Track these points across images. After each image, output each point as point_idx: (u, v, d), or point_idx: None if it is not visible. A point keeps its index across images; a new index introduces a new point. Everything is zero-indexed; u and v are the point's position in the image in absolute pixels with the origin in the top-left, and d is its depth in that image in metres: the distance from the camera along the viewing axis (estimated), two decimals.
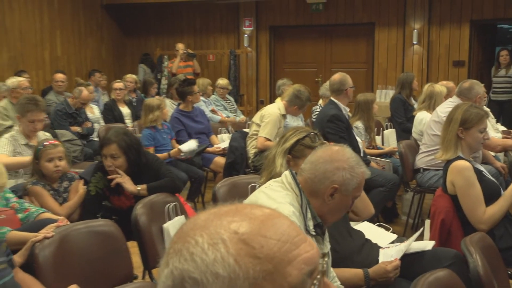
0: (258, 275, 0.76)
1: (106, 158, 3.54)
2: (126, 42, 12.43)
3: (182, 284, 0.77)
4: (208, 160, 5.85)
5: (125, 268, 2.80)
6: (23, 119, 4.23)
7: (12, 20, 9.98)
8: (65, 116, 6.48)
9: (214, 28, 11.65)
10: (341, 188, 2.07)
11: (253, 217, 0.81)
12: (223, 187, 3.58)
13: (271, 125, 5.17)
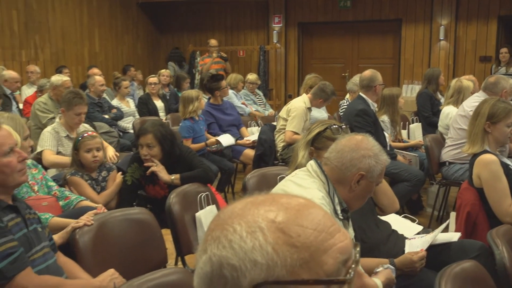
0: (295, 263, 0.76)
1: (142, 147, 3.57)
2: (160, 38, 12.52)
3: (220, 270, 0.77)
4: (238, 152, 5.86)
5: (159, 254, 2.81)
6: (69, 112, 4.28)
7: (54, 19, 10.15)
8: (92, 106, 6.60)
9: (244, 25, 11.65)
10: (367, 175, 2.10)
11: (289, 207, 0.81)
12: (253, 178, 3.58)
13: (297, 119, 5.16)
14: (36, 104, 5.61)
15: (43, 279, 2.06)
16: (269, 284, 0.75)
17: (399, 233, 2.85)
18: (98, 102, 6.69)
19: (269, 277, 0.75)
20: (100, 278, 2.26)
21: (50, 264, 2.19)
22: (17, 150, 2.16)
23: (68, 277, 2.24)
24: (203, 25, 11.89)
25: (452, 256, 2.52)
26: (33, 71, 8.43)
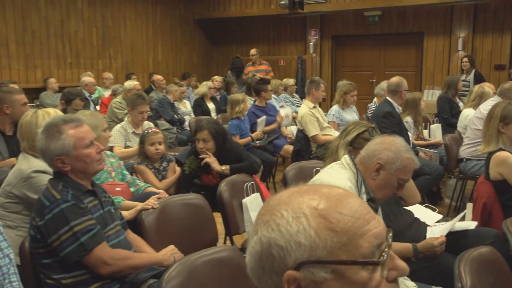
0: (334, 245, 0.75)
1: (199, 142, 3.59)
2: (213, 49, 12.61)
3: (269, 249, 0.77)
4: (278, 147, 5.86)
5: (211, 234, 2.83)
6: (133, 111, 4.37)
7: (125, 34, 10.39)
8: (168, 105, 6.74)
9: (284, 38, 11.60)
10: (385, 166, 2.05)
11: (330, 196, 0.80)
12: (292, 170, 3.56)
13: (309, 124, 5.06)
14: (113, 103, 5.78)
15: (116, 252, 2.09)
16: (311, 263, 0.75)
17: (421, 220, 2.78)
18: (172, 103, 6.86)
19: (312, 257, 0.75)
20: (162, 252, 2.29)
21: (121, 239, 2.22)
22: (96, 143, 2.20)
23: (136, 251, 2.28)
24: (249, 37, 11.90)
25: (470, 242, 2.45)
26: (107, 77, 8.64)
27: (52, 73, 9.07)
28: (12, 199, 2.52)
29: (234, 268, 1.92)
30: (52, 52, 9.20)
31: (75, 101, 4.86)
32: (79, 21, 9.56)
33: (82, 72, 9.17)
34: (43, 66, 9.10)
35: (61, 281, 2.03)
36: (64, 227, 1.99)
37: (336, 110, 5.68)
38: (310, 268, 0.75)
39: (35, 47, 8.93)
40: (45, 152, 2.11)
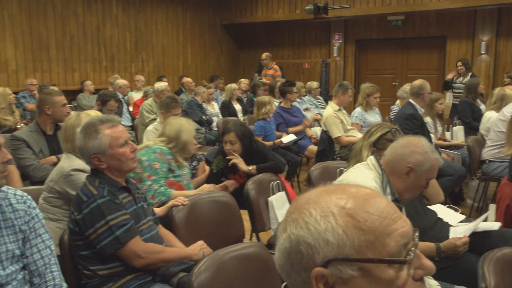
0: (362, 244, 0.75)
1: (226, 144, 3.60)
2: (240, 53, 12.65)
3: (297, 246, 0.77)
4: (303, 147, 5.83)
5: (237, 230, 2.84)
6: (167, 114, 4.40)
7: (157, 38, 10.53)
8: (197, 106, 6.79)
9: (309, 41, 11.55)
10: (416, 168, 2.04)
11: (357, 196, 0.80)
12: (316, 170, 3.54)
13: (332, 125, 5.01)
14: (144, 106, 5.83)
15: (148, 246, 2.12)
16: (339, 260, 0.75)
17: (444, 220, 2.73)
18: (200, 104, 6.92)
19: (339, 254, 0.75)
20: (192, 247, 2.30)
21: (154, 234, 2.24)
22: (130, 142, 2.24)
23: (167, 245, 2.29)
24: (275, 41, 11.90)
25: (493, 243, 2.39)
26: (139, 80, 8.76)
27: (88, 76, 9.27)
28: (54, 194, 2.58)
29: (261, 264, 1.92)
30: (89, 56, 9.39)
31: (110, 102, 4.95)
32: (114, 26, 9.73)
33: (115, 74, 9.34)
34: (80, 69, 9.30)
35: (98, 272, 2.07)
36: (101, 221, 2.03)
37: (359, 112, 5.62)
38: (338, 266, 0.75)
39: (73, 52, 9.13)
40: (83, 151, 2.16)
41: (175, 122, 3.22)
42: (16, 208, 1.84)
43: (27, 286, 1.84)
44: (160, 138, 3.20)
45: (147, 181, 3.00)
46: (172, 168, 3.14)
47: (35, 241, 1.86)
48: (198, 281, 1.71)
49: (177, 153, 3.16)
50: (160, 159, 3.06)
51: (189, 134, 3.18)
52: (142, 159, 3.04)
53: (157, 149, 3.09)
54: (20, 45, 8.38)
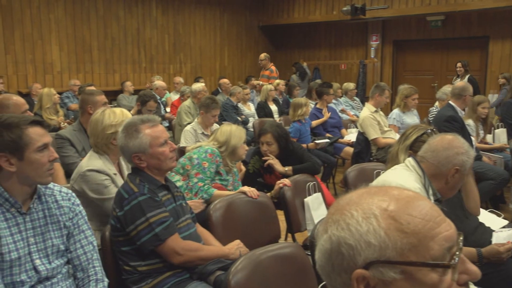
0: (404, 246, 0.74)
1: (263, 144, 3.61)
2: (276, 54, 12.63)
3: (338, 247, 0.77)
4: (339, 149, 5.77)
5: (273, 230, 2.84)
6: (207, 114, 4.47)
7: (195, 40, 10.67)
8: (231, 108, 6.83)
9: (346, 43, 11.43)
10: (461, 169, 2.05)
11: (400, 198, 0.78)
12: (353, 171, 3.50)
13: (369, 127, 4.92)
14: (183, 107, 5.92)
15: (187, 243, 2.14)
16: (380, 263, 0.74)
17: (486, 225, 2.64)
18: (235, 105, 6.95)
19: (381, 257, 0.74)
20: (229, 246, 2.31)
21: (192, 232, 2.27)
22: (169, 142, 2.27)
23: (204, 244, 2.32)
24: (311, 42, 11.84)
25: None
26: (178, 82, 8.89)
27: (128, 77, 9.49)
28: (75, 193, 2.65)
29: (297, 264, 1.92)
30: (129, 58, 9.62)
31: (150, 103, 5.04)
32: (153, 28, 9.93)
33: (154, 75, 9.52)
34: (120, 70, 9.53)
35: (137, 268, 2.11)
36: (141, 218, 2.07)
37: (397, 113, 5.52)
38: (380, 268, 0.74)
39: (114, 53, 9.37)
40: (124, 149, 2.21)
41: (225, 128, 3.30)
42: (61, 205, 1.91)
43: (71, 279, 1.90)
44: (212, 142, 3.27)
45: (194, 178, 3.07)
46: (220, 171, 3.19)
47: (78, 237, 1.92)
48: (235, 279, 1.73)
49: (227, 157, 3.22)
50: (210, 159, 3.12)
51: (238, 139, 3.23)
52: (193, 157, 3.13)
53: (208, 149, 3.16)
54: (65, 48, 8.67)
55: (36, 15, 8.24)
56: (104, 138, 2.57)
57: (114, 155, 2.63)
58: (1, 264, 1.69)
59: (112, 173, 2.55)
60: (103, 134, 2.57)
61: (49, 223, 1.85)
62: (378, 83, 5.37)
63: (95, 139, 2.61)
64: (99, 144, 2.59)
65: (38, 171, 1.77)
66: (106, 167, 2.53)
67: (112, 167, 2.59)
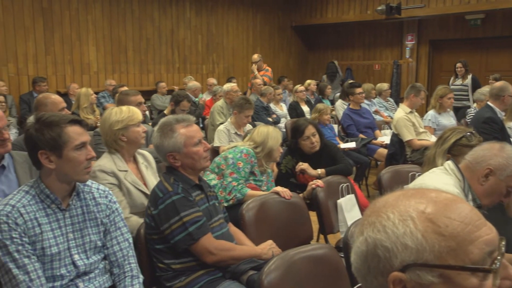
0: (442, 249, 0.73)
1: (309, 138, 3.58)
2: (308, 55, 12.60)
3: (374, 250, 0.76)
4: (372, 150, 5.71)
5: (306, 231, 2.82)
6: (240, 114, 4.49)
7: (227, 41, 10.75)
8: (262, 109, 6.84)
9: (380, 42, 11.27)
10: (496, 172, 1.94)
11: (438, 201, 0.77)
12: (387, 173, 3.44)
13: (404, 128, 4.82)
14: (215, 107, 5.98)
15: (220, 243, 2.16)
16: (418, 266, 0.73)
17: None
18: (266, 106, 6.97)
19: (418, 259, 0.73)
20: (261, 246, 2.32)
21: (224, 232, 2.29)
22: (204, 142, 2.30)
23: (237, 243, 2.33)
24: (344, 43, 11.74)
25: None
26: (211, 83, 8.98)
27: (162, 77, 9.66)
28: None
29: (331, 266, 1.91)
30: (163, 58, 9.78)
31: (183, 103, 5.11)
32: (187, 29, 10.06)
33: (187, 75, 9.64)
34: (154, 70, 9.69)
35: (171, 266, 2.15)
36: (175, 217, 2.10)
37: (432, 115, 5.41)
38: (417, 271, 0.73)
39: (149, 54, 9.55)
40: (159, 148, 2.25)
41: (262, 129, 3.31)
42: (99, 202, 1.96)
43: (107, 275, 1.95)
44: (248, 143, 3.29)
45: (228, 177, 3.10)
46: (254, 171, 3.22)
47: (115, 233, 1.97)
48: (268, 279, 1.73)
49: (262, 158, 3.24)
50: (245, 159, 3.14)
51: (275, 141, 3.24)
52: (228, 156, 3.17)
53: (243, 150, 3.18)
54: (101, 48, 8.89)
55: (75, 17, 8.48)
56: (112, 134, 2.60)
57: (127, 152, 2.64)
58: (42, 258, 1.76)
59: (123, 170, 2.55)
60: (111, 130, 2.60)
61: (87, 220, 1.91)
62: (414, 83, 5.28)
63: (105, 136, 2.65)
64: (108, 141, 2.62)
65: (76, 168, 1.82)
66: (115, 165, 2.55)
67: (124, 164, 2.59)
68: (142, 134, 2.66)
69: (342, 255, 2.04)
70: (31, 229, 1.74)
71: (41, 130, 1.79)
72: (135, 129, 2.62)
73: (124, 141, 2.60)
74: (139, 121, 2.68)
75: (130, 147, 2.64)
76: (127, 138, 2.60)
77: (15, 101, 7.62)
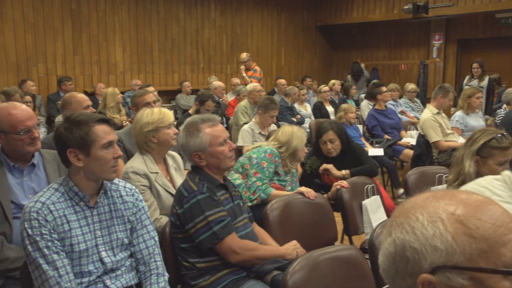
0: (473, 252, 0.71)
1: (326, 143, 3.57)
2: (333, 55, 12.51)
3: (403, 251, 0.75)
4: (398, 151, 5.63)
5: (331, 232, 2.81)
6: (265, 114, 4.49)
7: (252, 40, 10.78)
8: (286, 109, 6.82)
9: (406, 42, 11.11)
10: None
11: (469, 202, 0.76)
12: (413, 175, 3.39)
13: (430, 129, 4.74)
14: (239, 107, 6.00)
15: (244, 243, 2.17)
16: (448, 268, 0.72)
17: None
18: (290, 106, 6.95)
19: (448, 262, 0.72)
20: (285, 246, 2.31)
21: (249, 231, 2.30)
22: (229, 141, 2.31)
23: (261, 243, 2.33)
24: (370, 42, 11.62)
25: None
26: (235, 83, 9.01)
27: (187, 77, 9.74)
28: None
29: (356, 268, 1.89)
30: (188, 58, 9.86)
31: (208, 102, 5.15)
32: (211, 29, 10.13)
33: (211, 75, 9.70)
34: (179, 70, 9.79)
35: (196, 265, 2.16)
36: (200, 216, 2.11)
37: (459, 115, 5.30)
38: (447, 273, 0.72)
39: (174, 54, 9.65)
40: (185, 148, 2.27)
41: (287, 129, 3.30)
42: (126, 200, 1.99)
43: (133, 272, 1.98)
44: (273, 142, 3.28)
45: (253, 177, 3.11)
46: (278, 171, 3.21)
47: (141, 231, 1.99)
48: (292, 280, 1.73)
49: (287, 158, 3.23)
50: (269, 159, 3.14)
51: (299, 141, 3.22)
52: (252, 156, 3.17)
53: (268, 149, 3.18)
54: (128, 49, 9.03)
55: (102, 18, 8.64)
56: (143, 136, 2.61)
57: (157, 154, 2.65)
58: (71, 254, 1.79)
59: (154, 172, 2.57)
60: (141, 132, 2.61)
61: (114, 217, 1.94)
62: (442, 84, 5.19)
63: (136, 138, 2.67)
64: (139, 143, 2.64)
65: (103, 167, 1.85)
66: (147, 167, 2.56)
67: (154, 166, 2.60)
68: (173, 136, 2.65)
69: (367, 256, 2.02)
70: (60, 226, 1.78)
71: (70, 129, 1.83)
72: (166, 131, 2.63)
73: (155, 143, 2.61)
74: (170, 123, 2.68)
75: (161, 149, 2.65)
76: (158, 140, 2.61)
77: (44, 100, 7.81)
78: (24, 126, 2.21)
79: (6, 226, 2.14)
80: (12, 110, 2.23)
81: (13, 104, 2.32)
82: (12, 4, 7.70)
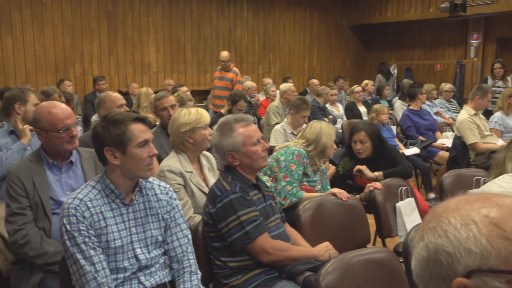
0: (509, 255, 0.69)
1: (356, 143, 3.55)
2: (366, 55, 12.36)
3: (436, 255, 0.74)
4: (433, 153, 5.52)
5: (363, 234, 2.78)
6: (297, 115, 4.48)
7: (284, 41, 10.77)
8: (318, 109, 6.78)
9: (443, 42, 10.86)
10: None
11: (503, 205, 0.74)
12: (449, 177, 3.32)
13: (467, 131, 4.62)
14: (271, 107, 6.01)
15: (276, 243, 2.17)
16: (483, 271, 0.70)
17: None
18: (322, 106, 6.92)
19: (483, 265, 0.70)
20: (318, 247, 2.30)
21: (281, 232, 2.29)
22: (262, 141, 2.31)
23: (293, 244, 2.33)
24: (404, 42, 11.41)
25: None
26: (267, 84, 9.02)
27: None
28: None
29: (390, 271, 1.86)
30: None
31: (240, 102, 5.17)
32: (244, 29, 10.17)
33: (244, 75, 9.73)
34: (212, 70, 9.86)
35: (228, 264, 2.18)
36: (232, 215, 2.12)
37: (499, 117, 5.15)
38: (482, 277, 0.70)
39: (206, 54, 9.74)
40: (218, 147, 2.28)
41: (315, 125, 3.26)
42: (160, 198, 2.02)
43: (167, 270, 2.01)
44: (301, 141, 3.24)
45: (282, 181, 3.08)
46: (308, 172, 3.18)
47: (175, 229, 2.02)
48: (325, 281, 1.72)
49: (316, 156, 3.18)
50: (297, 161, 3.11)
51: (329, 137, 3.18)
52: (280, 159, 3.14)
53: (295, 151, 3.14)
54: (161, 49, 9.17)
55: (137, 18, 8.80)
56: (179, 136, 2.64)
57: (192, 153, 2.68)
58: (107, 250, 1.84)
59: (188, 171, 2.60)
60: (178, 132, 2.65)
61: (149, 215, 1.97)
62: (481, 84, 5.05)
63: (172, 137, 2.71)
64: (175, 142, 2.68)
65: (139, 165, 1.89)
66: (182, 166, 2.59)
67: (189, 165, 2.64)
68: (209, 137, 2.67)
69: (401, 259, 1.99)
70: (97, 222, 1.83)
71: (107, 127, 1.87)
72: (202, 132, 2.66)
73: (190, 143, 2.64)
74: (206, 124, 2.71)
75: (196, 149, 2.68)
76: (193, 140, 2.64)
77: (81, 100, 8.03)
78: (63, 125, 2.28)
79: (45, 222, 2.21)
80: (52, 109, 2.31)
81: (53, 103, 2.40)
82: (52, 7, 7.95)
